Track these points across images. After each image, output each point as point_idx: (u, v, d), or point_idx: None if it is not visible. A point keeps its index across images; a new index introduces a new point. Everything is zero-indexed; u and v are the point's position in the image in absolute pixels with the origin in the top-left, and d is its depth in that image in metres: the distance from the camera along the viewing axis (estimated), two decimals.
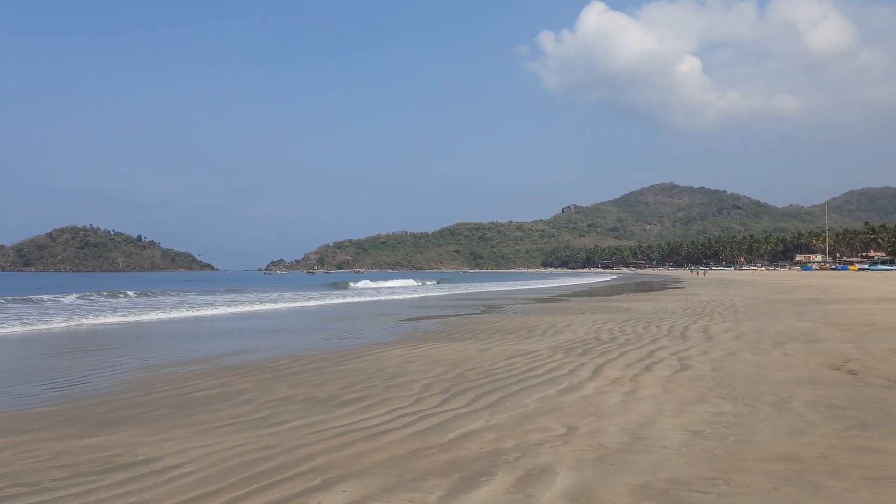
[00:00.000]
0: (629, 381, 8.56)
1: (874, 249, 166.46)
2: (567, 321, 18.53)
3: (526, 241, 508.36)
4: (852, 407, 6.76)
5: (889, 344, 11.78)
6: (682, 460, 5.08)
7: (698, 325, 16.60)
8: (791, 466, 4.84)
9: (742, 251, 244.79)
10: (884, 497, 4.17)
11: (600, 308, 24.93)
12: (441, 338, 14.77)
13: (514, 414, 6.84)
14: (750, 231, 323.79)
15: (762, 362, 10.01)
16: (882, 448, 5.24)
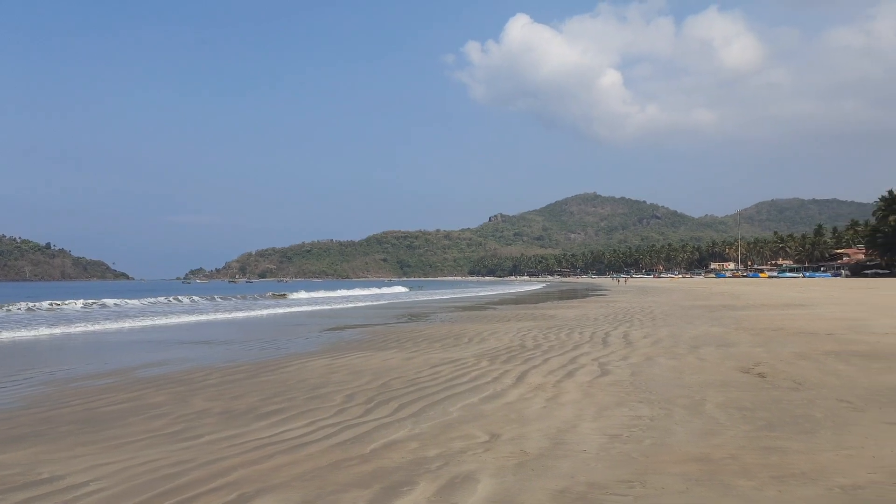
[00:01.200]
0: (552, 387, 8.68)
1: (782, 258, 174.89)
2: (493, 329, 18.68)
3: (453, 249, 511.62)
4: (761, 408, 7.04)
5: (795, 348, 12.34)
6: (600, 464, 5.17)
7: (619, 331, 17.01)
8: (703, 467, 4.99)
9: (661, 259, 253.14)
10: (789, 495, 4.35)
11: (526, 316, 25.25)
12: (366, 347, 14.63)
13: (438, 422, 6.82)
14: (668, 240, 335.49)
15: (678, 366, 10.32)
16: (788, 447, 5.47)
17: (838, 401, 7.32)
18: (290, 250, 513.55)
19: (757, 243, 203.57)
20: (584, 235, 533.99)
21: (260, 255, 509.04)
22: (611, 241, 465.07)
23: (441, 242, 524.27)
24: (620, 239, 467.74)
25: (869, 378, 8.79)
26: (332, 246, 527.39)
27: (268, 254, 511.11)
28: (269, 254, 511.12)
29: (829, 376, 9.02)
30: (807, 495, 4.31)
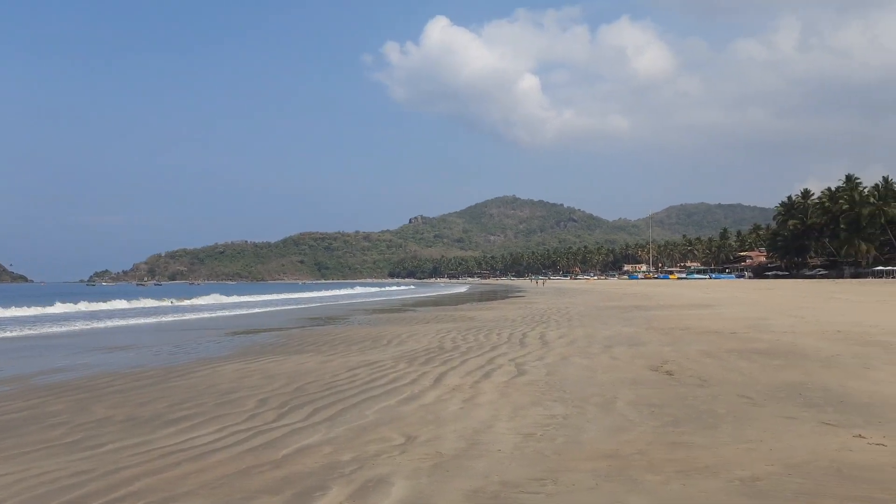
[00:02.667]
0: (469, 388, 8.71)
1: (691, 260, 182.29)
2: (412, 331, 18.65)
3: (373, 251, 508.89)
4: (668, 405, 7.27)
5: (701, 346, 12.84)
6: (514, 463, 5.21)
7: (536, 331, 17.29)
8: (613, 463, 5.11)
9: (577, 261, 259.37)
10: (692, 488, 4.50)
11: (445, 317, 25.36)
12: (281, 350, 14.33)
13: (354, 426, 6.73)
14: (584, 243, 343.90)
15: (591, 365, 10.57)
16: (692, 442, 5.67)
17: (739, 396, 7.65)
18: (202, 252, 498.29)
19: (667, 246, 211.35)
20: (504, 238, 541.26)
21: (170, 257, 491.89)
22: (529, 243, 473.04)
23: (360, 244, 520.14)
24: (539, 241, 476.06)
25: (768, 375, 9.23)
26: (247, 247, 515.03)
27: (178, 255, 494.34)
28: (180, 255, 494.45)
29: (731, 373, 9.42)
30: (709, 488, 4.47)
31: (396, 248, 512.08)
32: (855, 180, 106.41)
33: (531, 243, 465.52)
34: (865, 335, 14.24)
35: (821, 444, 5.48)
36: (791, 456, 5.14)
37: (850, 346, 12.25)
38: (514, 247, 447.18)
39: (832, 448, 5.33)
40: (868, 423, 6.19)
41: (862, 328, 16.02)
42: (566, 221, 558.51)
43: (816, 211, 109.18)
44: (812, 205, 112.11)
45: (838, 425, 6.11)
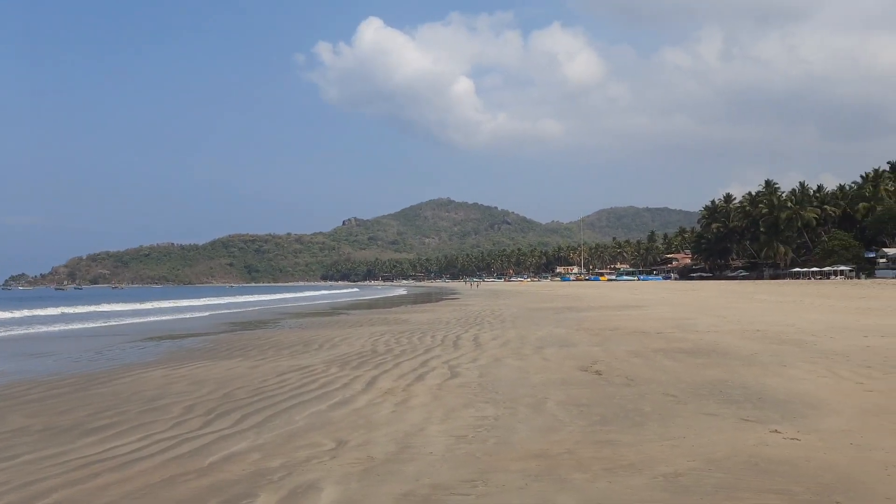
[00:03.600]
0: (401, 391, 8.69)
1: (620, 262, 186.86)
2: (345, 334, 18.49)
3: (305, 253, 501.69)
4: (597, 404, 7.42)
5: (629, 346, 13.16)
6: (445, 465, 5.22)
7: (469, 333, 17.39)
8: (542, 463, 5.18)
9: (511, 264, 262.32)
10: (617, 485, 4.60)
11: (379, 320, 25.23)
12: (209, 356, 13.98)
13: (283, 432, 6.62)
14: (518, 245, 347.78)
15: (523, 367, 10.69)
16: (619, 440, 5.80)
17: (665, 395, 7.87)
18: (126, 254, 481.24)
19: (598, 248, 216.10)
20: (439, 240, 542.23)
21: (92, 260, 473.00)
22: (464, 245, 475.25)
23: (292, 246, 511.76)
24: (473, 244, 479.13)
25: (691, 373, 9.53)
26: (173, 250, 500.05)
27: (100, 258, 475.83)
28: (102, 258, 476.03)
29: (657, 372, 9.68)
30: (633, 485, 4.59)
31: (329, 250, 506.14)
32: (774, 185, 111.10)
33: (466, 245, 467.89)
34: (782, 334, 14.88)
35: (740, 439, 5.68)
36: (712, 451, 5.32)
37: (769, 345, 12.77)
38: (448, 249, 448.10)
39: (750, 443, 5.54)
40: (784, 418, 6.46)
41: (779, 327, 16.73)
42: (500, 224, 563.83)
43: (738, 215, 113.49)
44: (734, 209, 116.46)
45: (756, 421, 6.36)
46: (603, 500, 4.33)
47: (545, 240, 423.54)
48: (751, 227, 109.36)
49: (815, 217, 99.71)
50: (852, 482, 4.47)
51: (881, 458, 5.00)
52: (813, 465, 4.89)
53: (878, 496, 4.20)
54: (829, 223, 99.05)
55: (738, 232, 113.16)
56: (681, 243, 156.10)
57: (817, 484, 4.45)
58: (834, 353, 11.14)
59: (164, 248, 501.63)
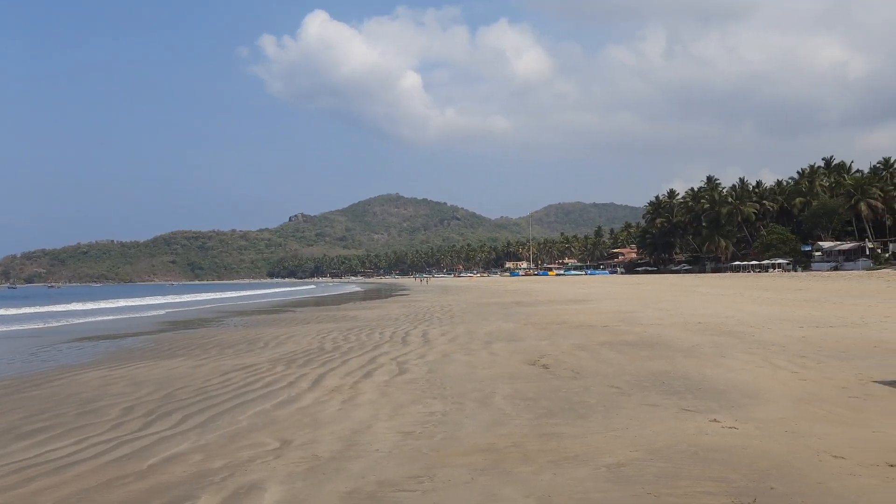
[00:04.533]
0: (349, 388, 8.62)
1: (568, 257, 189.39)
2: (291, 332, 18.25)
3: (251, 250, 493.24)
4: (543, 397, 7.49)
5: (575, 340, 13.34)
6: (392, 462, 5.20)
7: (418, 329, 17.36)
8: (489, 457, 5.20)
9: (461, 259, 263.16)
10: (562, 476, 4.65)
11: (327, 318, 25.00)
12: (150, 356, 13.63)
13: (226, 432, 6.49)
14: (467, 241, 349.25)
15: (472, 362, 10.73)
16: (564, 433, 5.86)
17: (609, 387, 8.00)
18: (63, 252, 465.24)
19: (546, 244, 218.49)
20: (388, 236, 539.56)
21: (27, 258, 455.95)
22: (413, 241, 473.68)
23: (237, 243, 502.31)
24: (423, 239, 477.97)
25: (635, 365, 9.71)
26: (113, 247, 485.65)
27: (36, 256, 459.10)
28: (38, 256, 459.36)
29: (602, 365, 9.84)
30: (577, 476, 4.64)
31: (276, 247, 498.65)
32: (715, 181, 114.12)
33: (415, 241, 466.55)
34: (722, 326, 15.29)
35: (680, 429, 5.81)
36: (654, 441, 5.42)
37: (709, 337, 13.11)
38: (398, 245, 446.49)
39: (690, 432, 5.67)
40: (722, 407, 6.63)
41: (719, 319, 17.19)
42: (450, 220, 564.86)
43: (681, 210, 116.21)
44: (677, 204, 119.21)
45: (696, 411, 6.51)
46: (547, 491, 4.37)
47: (494, 235, 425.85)
48: (693, 222, 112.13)
49: (754, 212, 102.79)
50: (786, 468, 4.61)
51: (813, 444, 5.17)
52: (749, 452, 5.02)
53: (810, 481, 4.33)
54: (768, 218, 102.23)
55: (682, 227, 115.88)
56: (627, 238, 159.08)
57: (753, 471, 4.58)
58: (771, 344, 11.50)
59: (103, 245, 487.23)
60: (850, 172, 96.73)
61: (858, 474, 4.41)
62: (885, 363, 9.00)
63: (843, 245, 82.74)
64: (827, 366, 8.98)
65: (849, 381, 7.80)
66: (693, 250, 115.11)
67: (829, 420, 5.94)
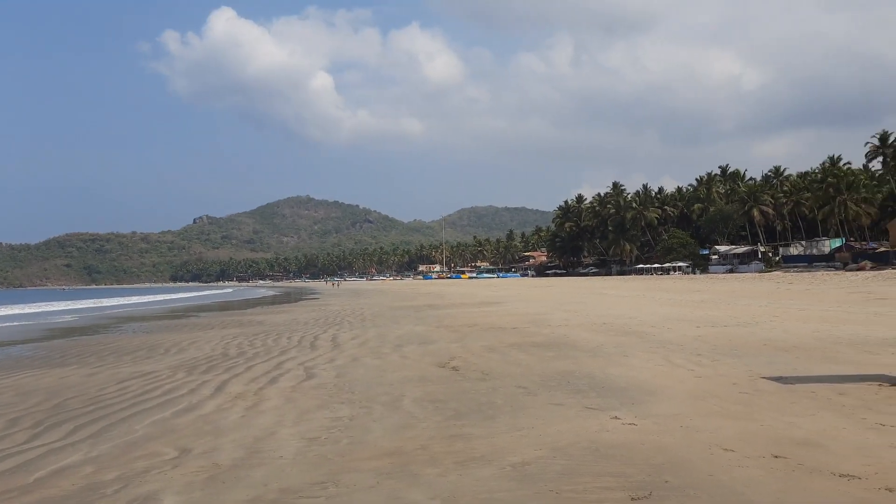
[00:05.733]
0: (253, 395, 8.39)
1: (481, 260, 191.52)
2: (194, 338, 17.64)
3: (153, 253, 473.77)
4: (452, 399, 7.52)
5: (486, 342, 13.48)
6: (296, 468, 5.08)
7: (328, 334, 17.13)
8: (395, 460, 5.16)
9: (374, 262, 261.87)
10: (467, 477, 4.67)
11: (232, 322, 24.30)
12: (40, 364, 12.86)
13: (120, 442, 6.20)
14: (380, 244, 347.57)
15: (381, 365, 10.66)
16: (471, 434, 5.90)
17: (517, 387, 8.12)
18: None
19: (459, 247, 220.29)
20: (298, 239, 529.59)
21: None
22: (325, 244, 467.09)
23: (138, 246, 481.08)
24: (334, 242, 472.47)
25: (542, 365, 9.90)
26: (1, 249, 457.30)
27: None
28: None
29: (511, 366, 9.98)
30: (482, 476, 4.67)
31: (179, 249, 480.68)
32: (620, 187, 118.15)
33: (326, 244, 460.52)
34: (626, 326, 15.82)
35: (583, 427, 5.95)
36: (557, 440, 5.53)
37: (613, 337, 13.53)
38: (308, 248, 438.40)
39: (592, 430, 5.81)
40: (623, 405, 6.84)
41: (623, 320, 17.78)
42: (362, 222, 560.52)
43: (589, 214, 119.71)
44: (585, 209, 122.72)
45: (599, 409, 6.69)
46: (452, 492, 4.38)
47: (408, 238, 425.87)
48: (601, 227, 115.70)
49: (656, 217, 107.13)
50: (680, 462, 4.79)
51: (706, 438, 5.41)
52: (647, 447, 5.20)
53: (701, 473, 4.52)
54: (669, 223, 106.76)
55: (590, 231, 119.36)
56: (537, 242, 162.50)
57: (649, 465, 4.73)
58: (670, 343, 11.98)
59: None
60: (744, 180, 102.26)
61: (746, 466, 4.64)
62: (773, 360, 9.52)
63: (737, 249, 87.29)
64: (720, 363, 9.42)
65: (740, 377, 8.21)
66: (600, 253, 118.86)
67: (720, 415, 6.23)
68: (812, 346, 11.02)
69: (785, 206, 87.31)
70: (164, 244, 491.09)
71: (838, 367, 8.78)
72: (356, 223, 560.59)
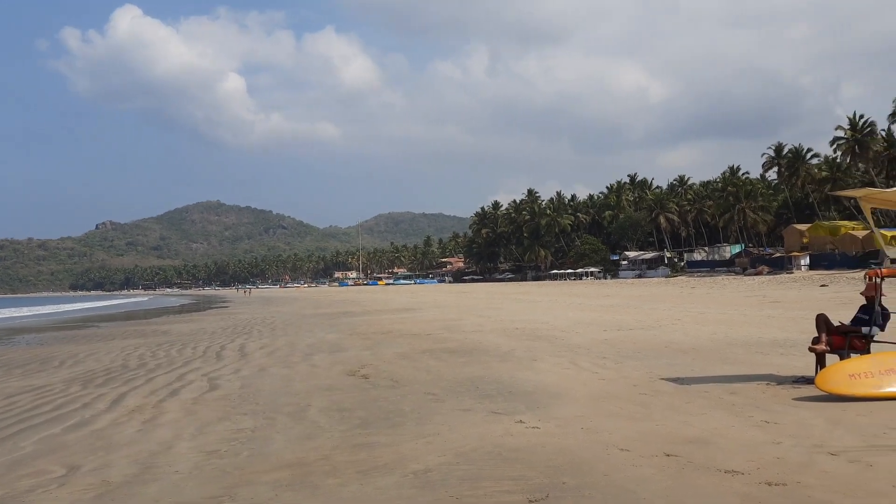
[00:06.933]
0: (152, 408, 8.06)
1: (398, 266, 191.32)
2: (92, 349, 16.81)
3: (51, 261, 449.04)
4: (359, 408, 7.44)
5: (399, 349, 13.45)
6: (191, 483, 4.91)
7: (236, 343, 16.68)
8: (296, 472, 5.05)
9: (287, 269, 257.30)
10: (368, 486, 4.62)
11: (135, 333, 23.31)
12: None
13: (5, 460, 5.84)
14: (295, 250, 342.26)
15: (289, 375, 10.46)
16: (376, 442, 5.85)
17: (426, 394, 8.12)
18: None
19: (376, 253, 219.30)
20: (208, 245, 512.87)
21: None
22: (236, 251, 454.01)
23: (34, 253, 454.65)
24: (246, 249, 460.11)
25: (453, 371, 9.95)
26: None
27: None
28: None
29: (421, 372, 9.98)
30: (384, 485, 4.63)
31: (80, 257, 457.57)
32: (535, 194, 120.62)
33: (238, 251, 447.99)
34: (537, 331, 16.13)
35: (488, 431, 6.00)
36: (462, 445, 5.55)
37: (524, 342, 13.76)
38: (218, 255, 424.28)
39: (497, 434, 5.87)
40: (528, 408, 6.95)
41: (535, 325, 18.12)
42: (276, 228, 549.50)
43: (505, 221, 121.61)
44: (501, 215, 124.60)
45: (505, 413, 6.77)
46: (352, 502, 4.32)
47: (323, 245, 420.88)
48: (516, 233, 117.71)
49: (570, 223, 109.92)
50: (578, 463, 4.90)
51: (604, 439, 5.55)
52: (548, 450, 5.29)
53: (597, 473, 4.63)
54: (582, 229, 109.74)
55: (506, 237, 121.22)
56: (455, 248, 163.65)
57: (549, 467, 4.82)
58: (578, 347, 12.28)
59: None
60: (651, 188, 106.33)
61: (640, 465, 4.79)
62: (673, 362, 9.91)
63: (646, 255, 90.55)
64: (624, 366, 9.72)
65: (641, 379, 8.50)
66: (516, 259, 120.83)
67: (620, 416, 6.41)
68: (709, 347, 11.53)
69: (689, 213, 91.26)
70: (64, 251, 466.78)
71: (732, 367, 9.22)
72: (269, 229, 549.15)
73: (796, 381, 7.81)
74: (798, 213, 77.54)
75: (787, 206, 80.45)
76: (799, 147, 74.32)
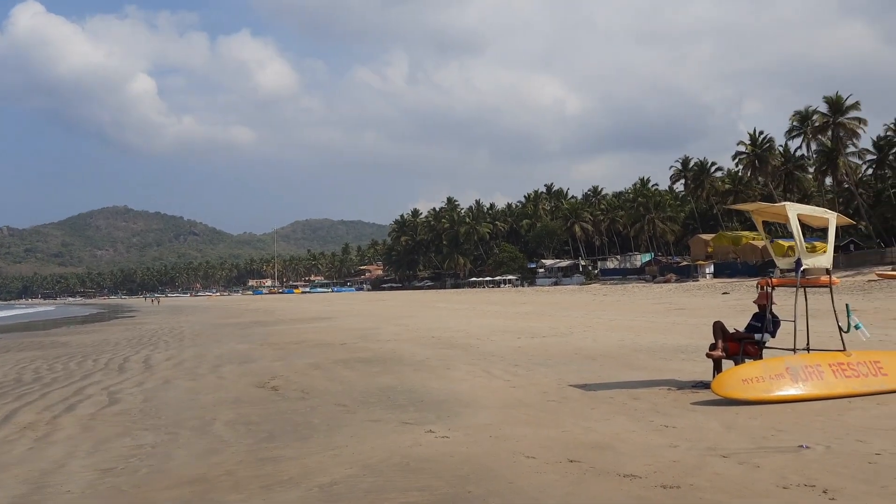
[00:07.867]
0: (45, 424, 7.64)
1: (315, 274, 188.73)
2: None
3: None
4: (267, 421, 7.28)
5: (311, 359, 13.24)
6: (84, 503, 4.68)
7: (140, 355, 16.04)
8: (197, 488, 4.89)
9: (199, 277, 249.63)
10: (272, 501, 4.52)
11: (32, 344, 22.04)
12: None
13: None
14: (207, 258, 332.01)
15: (195, 387, 10.13)
16: (282, 455, 5.73)
17: (336, 405, 8.02)
18: None
19: (293, 261, 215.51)
20: (114, 252, 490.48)
21: None
22: (144, 258, 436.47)
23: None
24: (155, 256, 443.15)
25: (366, 381, 9.88)
26: None
27: None
28: None
29: (333, 383, 9.86)
30: (287, 499, 4.54)
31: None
32: (454, 203, 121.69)
33: (146, 258, 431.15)
34: (453, 339, 16.22)
35: (397, 442, 5.98)
36: (370, 457, 5.51)
37: (439, 350, 13.82)
38: (125, 262, 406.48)
39: (406, 445, 5.86)
40: (439, 418, 6.97)
41: (451, 333, 18.23)
42: (186, 235, 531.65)
43: (424, 228, 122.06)
44: (421, 223, 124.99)
45: (415, 423, 6.76)
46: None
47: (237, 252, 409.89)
48: (436, 240, 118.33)
49: (488, 231, 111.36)
50: (484, 471, 4.95)
51: (511, 446, 5.63)
52: (455, 459, 5.32)
53: (503, 481, 4.69)
54: (500, 237, 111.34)
55: (425, 244, 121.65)
56: (374, 255, 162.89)
57: (455, 476, 4.84)
58: (491, 355, 12.42)
59: None
60: (567, 198, 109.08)
61: (544, 472, 4.88)
62: (582, 369, 10.16)
63: (561, 263, 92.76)
64: (535, 373, 9.90)
65: (550, 386, 8.67)
66: (435, 267, 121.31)
67: (528, 423, 6.52)
68: (617, 354, 11.89)
69: (602, 222, 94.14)
70: None
71: (637, 373, 9.53)
72: (180, 235, 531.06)
73: (695, 385, 8.16)
74: (703, 224, 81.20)
75: (694, 216, 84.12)
76: (704, 161, 78.05)
